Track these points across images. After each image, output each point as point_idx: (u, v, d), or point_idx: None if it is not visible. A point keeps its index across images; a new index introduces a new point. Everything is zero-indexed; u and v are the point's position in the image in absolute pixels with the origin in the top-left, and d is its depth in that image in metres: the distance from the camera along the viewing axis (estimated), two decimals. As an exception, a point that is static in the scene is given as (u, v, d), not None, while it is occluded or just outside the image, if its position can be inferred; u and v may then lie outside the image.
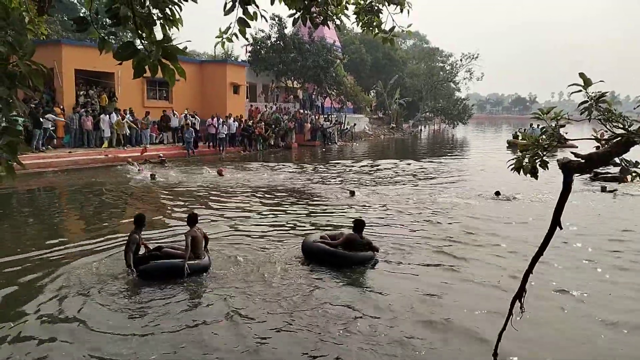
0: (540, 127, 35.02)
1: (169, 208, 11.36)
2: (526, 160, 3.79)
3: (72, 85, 20.90)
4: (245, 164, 19.95)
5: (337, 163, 21.86)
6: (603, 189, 14.29)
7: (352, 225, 7.71)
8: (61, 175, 15.82)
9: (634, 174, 4.22)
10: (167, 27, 2.15)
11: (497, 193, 13.37)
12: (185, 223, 7.11)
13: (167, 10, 2.10)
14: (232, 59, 36.08)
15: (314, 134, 31.86)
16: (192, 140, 21.96)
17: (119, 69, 20.36)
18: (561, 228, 3.75)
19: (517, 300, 4.00)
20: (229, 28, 3.63)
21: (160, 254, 6.89)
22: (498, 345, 4.25)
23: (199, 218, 7.27)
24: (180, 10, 2.12)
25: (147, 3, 2.09)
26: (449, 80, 55.68)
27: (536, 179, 3.75)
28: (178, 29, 2.17)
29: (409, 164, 21.77)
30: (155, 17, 2.11)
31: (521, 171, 3.80)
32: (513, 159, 3.94)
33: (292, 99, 36.56)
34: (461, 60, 53.75)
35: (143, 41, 2.08)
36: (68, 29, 30.25)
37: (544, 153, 3.62)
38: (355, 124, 38.08)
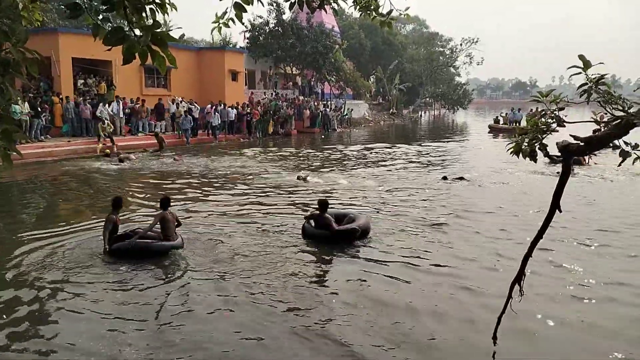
0: (520, 111, 35.12)
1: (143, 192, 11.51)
2: (525, 143, 3.78)
3: (69, 74, 20.79)
4: (232, 151, 19.97)
5: (327, 149, 21.86)
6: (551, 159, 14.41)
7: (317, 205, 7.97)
8: (60, 164, 15.79)
9: (634, 157, 4.20)
10: (156, 13, 2.12)
11: (445, 178, 13.68)
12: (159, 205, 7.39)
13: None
14: (231, 45, 35.79)
15: (313, 121, 31.76)
16: (189, 128, 21.84)
17: (117, 57, 20.21)
18: (560, 211, 3.75)
19: (517, 284, 4.02)
20: (225, 13, 3.58)
21: (133, 235, 7.11)
22: (497, 328, 4.27)
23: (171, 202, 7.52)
24: (170, -5, 2.09)
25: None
26: (449, 65, 55.46)
27: (535, 162, 3.74)
28: (168, 14, 2.13)
29: (408, 148, 22.03)
30: (144, 2, 2.08)
31: (520, 155, 3.80)
32: (511, 142, 3.93)
33: (291, 85, 36.37)
34: (461, 44, 53.50)
35: (132, 27, 2.05)
36: (64, 16, 29.98)
37: (543, 136, 3.61)
38: (352, 109, 37.90)
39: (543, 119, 3.69)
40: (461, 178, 13.66)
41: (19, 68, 2.39)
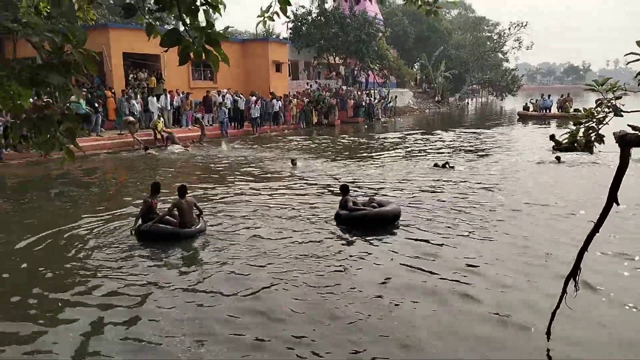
0: (550, 97, 33.54)
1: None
2: (580, 134, 3.65)
3: (121, 69, 21.50)
4: (268, 143, 20.25)
5: (367, 138, 21.76)
6: (558, 159, 14.44)
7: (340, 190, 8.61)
8: (114, 156, 16.44)
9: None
10: (209, 13, 2.17)
11: (446, 164, 13.66)
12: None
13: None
14: (274, 37, 36.01)
15: (356, 111, 31.60)
16: (226, 121, 22.06)
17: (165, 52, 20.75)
18: (618, 204, 3.61)
19: (572, 279, 3.90)
20: (270, 7, 3.62)
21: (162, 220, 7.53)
22: (551, 324, 4.17)
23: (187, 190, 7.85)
24: (223, -4, 2.13)
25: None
26: (497, 50, 53.79)
27: (591, 153, 3.61)
28: (221, 15, 2.18)
29: (456, 135, 21.54)
30: (198, 3, 2.13)
31: (574, 145, 3.67)
32: (566, 133, 3.80)
33: (334, 75, 36.27)
34: (509, 29, 51.76)
35: (187, 28, 2.11)
36: (114, 12, 31.00)
37: (600, 126, 3.47)
38: (396, 96, 37.38)
39: (599, 108, 3.55)
40: (445, 165, 13.66)
41: (79, 68, 2.50)
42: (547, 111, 33.24)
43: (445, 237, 7.55)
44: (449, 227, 8.05)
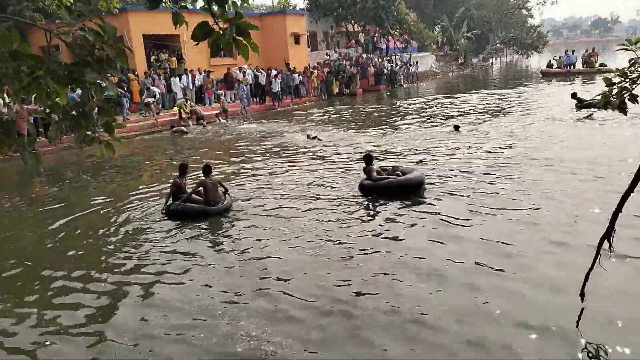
0: (574, 53, 32.16)
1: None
2: (613, 94, 3.58)
3: (142, 51, 21.64)
4: (285, 117, 20.26)
5: (390, 105, 21.54)
6: (589, 117, 14.27)
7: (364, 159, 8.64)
8: (141, 139, 16.75)
9: None
10: (237, 4, 2.20)
11: (456, 127, 13.82)
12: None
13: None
14: (291, 8, 35.53)
15: (378, 78, 31.19)
16: (246, 97, 21.95)
17: (183, 31, 20.76)
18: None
19: (606, 240, 3.89)
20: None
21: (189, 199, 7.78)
22: (585, 285, 4.18)
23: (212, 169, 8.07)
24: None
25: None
26: (521, 7, 51.89)
27: (625, 114, 3.55)
28: (248, 4, 2.21)
29: (480, 98, 21.14)
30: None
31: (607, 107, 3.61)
32: (599, 94, 3.74)
33: (354, 43, 35.70)
34: (533, -17, 49.79)
35: (216, 20, 2.15)
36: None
37: (634, 86, 3.40)
38: (417, 61, 36.61)
39: (633, 68, 3.46)
40: (456, 127, 13.82)
41: (112, 63, 2.57)
42: (572, 67, 32.07)
43: (469, 203, 7.55)
44: (473, 192, 8.05)
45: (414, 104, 22.49)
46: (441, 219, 6.95)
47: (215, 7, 2.15)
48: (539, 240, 6.01)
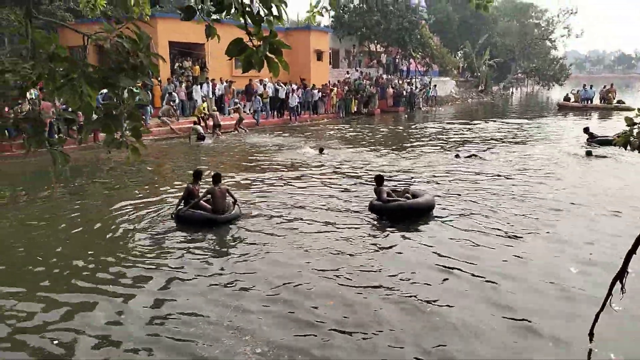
0: (592, 87, 32.13)
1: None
2: (634, 135, 3.59)
3: (167, 57, 22.00)
4: (286, 132, 20.30)
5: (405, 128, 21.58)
6: (588, 154, 13.90)
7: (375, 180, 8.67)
8: (159, 144, 16.97)
9: None
10: (272, 23, 2.27)
11: (457, 156, 13.98)
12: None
13: (274, 9, 2.22)
14: (315, 24, 35.96)
15: (397, 100, 31.32)
16: (260, 109, 22.09)
17: (209, 40, 21.10)
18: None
19: (618, 281, 3.86)
20: (319, 1, 3.71)
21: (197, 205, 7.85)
22: (594, 325, 4.13)
23: (221, 178, 8.16)
24: (286, 6, 2.23)
25: (255, 2, 2.23)
26: (544, 38, 51.95)
27: (645, 155, 3.54)
28: (283, 25, 2.28)
29: (496, 126, 21.14)
30: (262, 14, 2.23)
31: (627, 147, 3.62)
32: (620, 134, 3.74)
33: (376, 63, 35.97)
34: (558, 16, 49.91)
35: (251, 38, 2.22)
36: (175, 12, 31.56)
37: (656, 128, 3.40)
38: (435, 85, 36.70)
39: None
40: (474, 155, 13.82)
41: (145, 70, 2.66)
42: (589, 102, 31.92)
43: (479, 230, 7.54)
44: (483, 220, 8.05)
45: (431, 128, 22.56)
46: (448, 245, 6.94)
47: (249, 22, 2.22)
48: (548, 274, 5.94)
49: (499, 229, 7.59)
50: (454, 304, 5.19)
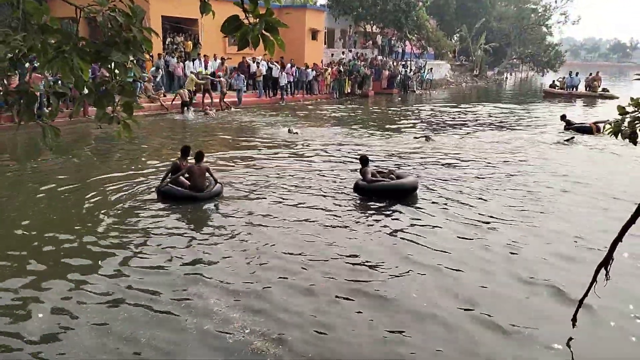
0: (578, 75, 32.28)
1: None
2: (625, 124, 3.61)
3: (159, 32, 21.66)
4: (272, 111, 20.25)
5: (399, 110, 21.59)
6: (568, 141, 14.30)
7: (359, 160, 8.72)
8: (151, 119, 16.82)
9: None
10: (269, 1, 2.24)
11: (427, 137, 14.13)
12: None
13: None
14: (312, 3, 35.51)
15: (391, 82, 31.16)
16: (242, 88, 21.53)
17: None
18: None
19: (603, 268, 3.93)
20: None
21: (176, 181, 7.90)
22: (577, 311, 4.21)
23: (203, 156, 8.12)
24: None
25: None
26: (541, 24, 51.61)
27: (635, 144, 3.58)
28: (280, 3, 2.25)
29: (486, 111, 21.22)
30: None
31: (618, 136, 3.64)
32: (610, 122, 3.77)
33: (371, 44, 35.64)
34: (556, 1, 49.58)
35: (247, 15, 2.19)
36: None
37: (647, 118, 3.43)
38: (432, 68, 36.55)
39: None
40: (427, 137, 14.14)
41: (138, 45, 2.62)
42: (574, 89, 32.24)
43: (462, 213, 7.68)
44: (466, 202, 8.22)
45: (423, 110, 22.57)
46: (430, 225, 7.08)
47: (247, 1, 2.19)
48: (533, 259, 6.03)
49: (480, 212, 7.73)
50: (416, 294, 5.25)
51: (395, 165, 10.57)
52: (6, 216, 7.08)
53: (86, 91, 2.67)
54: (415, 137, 14.27)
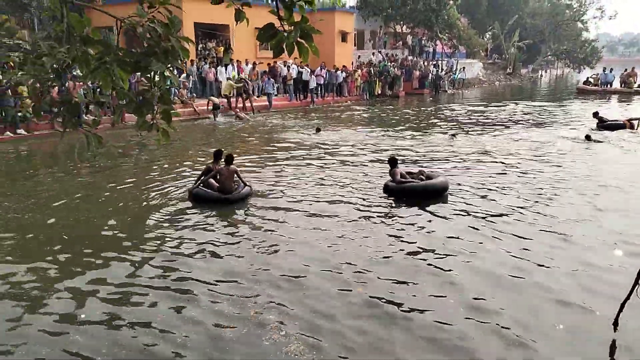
0: (612, 71, 31.23)
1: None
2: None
3: (192, 38, 22.10)
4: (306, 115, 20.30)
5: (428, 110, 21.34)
6: (587, 138, 13.61)
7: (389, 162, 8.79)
8: (187, 124, 17.17)
9: None
10: (304, 8, 2.27)
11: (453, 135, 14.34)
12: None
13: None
14: (341, 5, 35.53)
15: (422, 82, 30.91)
16: (272, 92, 21.70)
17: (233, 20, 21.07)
18: None
19: (647, 271, 3.81)
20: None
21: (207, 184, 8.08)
22: (619, 314, 4.09)
23: (232, 159, 8.25)
24: (318, -9, 2.22)
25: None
26: (576, 19, 50.28)
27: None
28: (315, 11, 2.28)
29: (519, 109, 20.78)
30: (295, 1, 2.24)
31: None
32: (632, 119, 3.64)
33: (401, 45, 35.45)
34: (592, -4, 48.24)
35: (283, 23, 2.23)
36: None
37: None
38: (464, 67, 36.05)
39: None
40: (453, 136, 14.23)
41: (176, 55, 2.70)
42: (609, 86, 31.21)
43: (495, 214, 7.51)
44: (499, 203, 8.06)
45: (453, 111, 22.30)
46: (461, 227, 6.95)
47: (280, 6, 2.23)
48: (571, 260, 5.86)
49: (515, 212, 7.54)
50: (469, 287, 5.18)
51: (426, 166, 10.47)
52: (38, 216, 7.38)
53: (125, 100, 2.76)
54: (449, 135, 14.27)
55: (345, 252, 6.11)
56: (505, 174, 10.04)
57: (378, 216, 7.47)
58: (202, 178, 8.16)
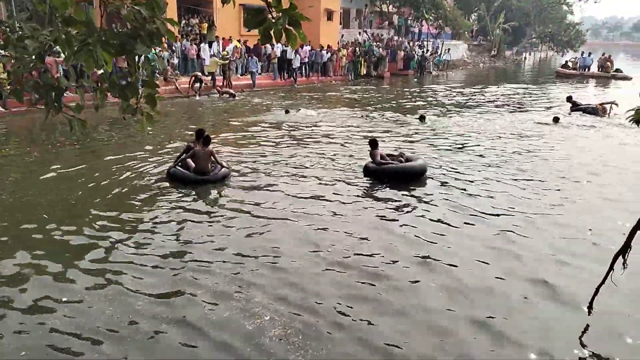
0: (590, 55, 31.75)
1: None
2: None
3: (174, 15, 21.60)
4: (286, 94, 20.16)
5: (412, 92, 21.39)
6: (556, 120, 14.29)
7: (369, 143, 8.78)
8: (168, 102, 16.93)
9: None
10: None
11: (422, 117, 14.26)
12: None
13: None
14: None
15: (407, 63, 30.82)
16: (256, 71, 21.43)
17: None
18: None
19: (621, 256, 3.93)
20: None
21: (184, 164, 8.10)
22: (594, 299, 4.22)
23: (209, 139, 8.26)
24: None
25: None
26: (561, 2, 50.40)
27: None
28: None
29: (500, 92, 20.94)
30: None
31: (640, 124, 3.61)
32: (632, 110, 3.74)
33: (387, 24, 35.18)
34: (578, -22, 48.27)
35: (270, 9, 2.21)
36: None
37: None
38: (449, 49, 36.01)
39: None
40: (422, 117, 14.27)
41: (161, 37, 2.66)
42: (587, 70, 31.78)
43: (472, 194, 7.73)
44: (476, 185, 8.23)
45: (437, 92, 22.38)
46: (439, 209, 7.09)
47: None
48: (544, 246, 5.98)
49: (491, 196, 7.70)
50: (448, 269, 5.29)
51: (409, 148, 10.54)
52: (19, 195, 7.28)
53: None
54: (419, 117, 14.35)
55: (325, 233, 6.17)
56: (483, 156, 10.21)
57: (357, 196, 7.57)
58: (182, 157, 8.15)
